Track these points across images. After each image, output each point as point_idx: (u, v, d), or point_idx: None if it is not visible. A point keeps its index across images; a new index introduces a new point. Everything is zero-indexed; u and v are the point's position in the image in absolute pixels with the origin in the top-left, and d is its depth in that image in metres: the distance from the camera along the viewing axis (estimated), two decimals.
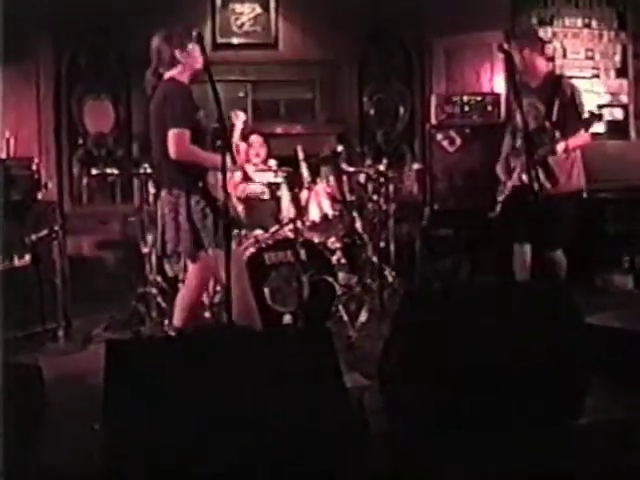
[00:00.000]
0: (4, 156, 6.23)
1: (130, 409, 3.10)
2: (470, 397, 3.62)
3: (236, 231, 5.88)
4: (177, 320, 4.98)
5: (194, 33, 4.61)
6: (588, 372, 3.90)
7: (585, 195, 6.51)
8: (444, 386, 3.63)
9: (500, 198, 5.96)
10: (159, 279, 5.84)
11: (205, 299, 5.87)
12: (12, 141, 6.31)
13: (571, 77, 7.48)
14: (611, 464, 3.39)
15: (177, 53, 4.81)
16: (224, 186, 4.34)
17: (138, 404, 3.10)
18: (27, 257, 5.69)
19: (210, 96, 4.05)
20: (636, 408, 4.07)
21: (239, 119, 5.38)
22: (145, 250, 5.84)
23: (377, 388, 4.06)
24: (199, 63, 4.79)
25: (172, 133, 4.68)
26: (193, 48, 4.77)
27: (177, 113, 4.71)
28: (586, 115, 5.65)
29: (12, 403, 3.47)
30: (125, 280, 6.35)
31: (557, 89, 5.78)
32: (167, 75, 4.84)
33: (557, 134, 5.68)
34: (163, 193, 4.88)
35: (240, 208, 4.89)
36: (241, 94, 7.76)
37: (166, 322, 5.48)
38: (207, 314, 5.82)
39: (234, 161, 4.10)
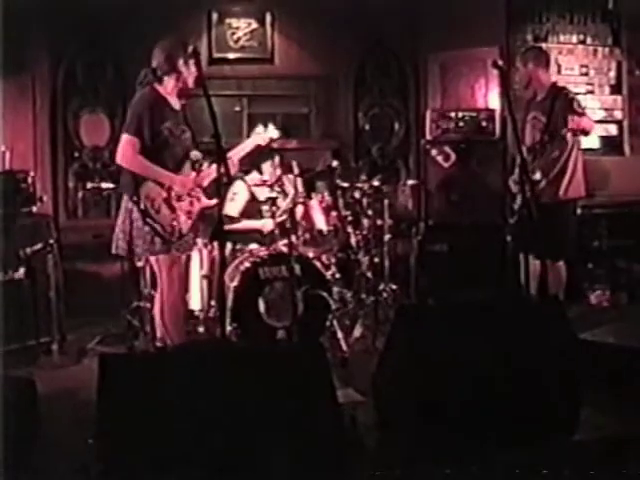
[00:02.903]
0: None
1: (123, 423, 3.10)
2: (464, 412, 3.62)
3: (229, 245, 5.93)
4: (159, 328, 4.99)
5: (189, 49, 4.66)
6: (583, 387, 3.90)
7: (579, 211, 6.60)
8: (438, 402, 3.63)
9: (515, 207, 6.11)
10: (153, 293, 5.82)
11: (199, 313, 5.89)
12: (7, 154, 6.30)
13: None
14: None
15: (165, 66, 4.85)
16: (166, 199, 4.70)
17: (131, 418, 3.10)
18: (22, 270, 5.68)
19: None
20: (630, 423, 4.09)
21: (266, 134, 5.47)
22: (139, 264, 5.84)
23: (371, 404, 4.07)
24: (188, 80, 4.87)
25: (122, 138, 4.80)
26: (185, 63, 4.83)
27: (132, 120, 4.79)
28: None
29: (6, 416, 3.47)
30: (120, 294, 6.33)
31: (559, 101, 5.88)
32: (152, 85, 4.88)
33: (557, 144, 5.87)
34: None
35: (185, 222, 4.84)
36: (237, 108, 7.76)
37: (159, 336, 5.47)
38: (201, 329, 5.83)
39: (228, 175, 4.09)
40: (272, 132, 5.49)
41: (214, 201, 4.86)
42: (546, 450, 3.58)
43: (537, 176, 5.83)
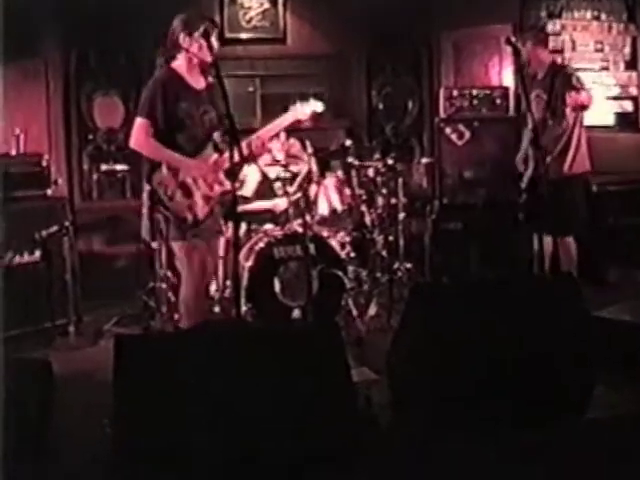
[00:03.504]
0: (14, 152, 6.24)
1: (139, 403, 3.12)
2: (479, 391, 3.62)
3: (244, 225, 5.93)
4: (182, 314, 4.99)
5: (203, 23, 4.61)
6: (597, 366, 3.90)
7: (595, 188, 6.60)
8: (452, 380, 3.64)
9: (522, 187, 6.20)
10: (169, 274, 5.84)
11: (215, 293, 5.91)
12: (22, 137, 6.32)
13: (580, 69, 7.50)
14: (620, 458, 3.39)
15: (181, 40, 4.75)
16: (183, 184, 4.64)
17: (147, 398, 3.12)
18: (37, 253, 5.71)
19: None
20: None
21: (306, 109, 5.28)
22: (155, 245, 5.85)
23: (385, 382, 4.07)
24: (204, 54, 4.71)
25: (135, 122, 4.75)
26: (198, 38, 4.68)
27: (145, 102, 4.73)
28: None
29: (22, 398, 3.50)
30: (136, 275, 6.36)
31: (559, 78, 5.91)
32: (168, 65, 4.84)
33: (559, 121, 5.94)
34: None
35: (202, 207, 4.75)
36: (250, 89, 7.75)
37: (176, 317, 5.49)
38: (217, 309, 5.85)
39: (241, 157, 4.07)
40: (315, 106, 5.29)
41: (231, 186, 4.66)
42: (559, 429, 3.58)
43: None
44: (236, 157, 4.04)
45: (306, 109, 5.24)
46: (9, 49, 5.74)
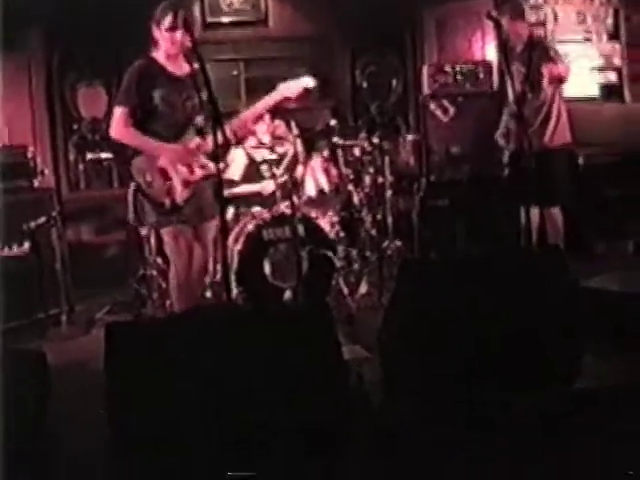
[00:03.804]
0: None
1: (132, 390, 3.14)
2: (467, 366, 3.64)
3: (232, 209, 5.94)
4: (174, 300, 5.00)
5: (169, 15, 4.63)
6: (585, 336, 3.92)
7: (581, 160, 6.63)
8: (441, 357, 3.66)
9: (505, 161, 6.27)
10: (159, 260, 5.85)
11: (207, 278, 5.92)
12: (6, 130, 6.31)
13: (562, 41, 7.53)
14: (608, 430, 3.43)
15: (154, 32, 4.78)
16: (162, 170, 4.68)
17: (140, 385, 3.14)
18: (26, 244, 5.71)
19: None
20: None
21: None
22: (144, 232, 5.85)
23: (377, 360, 4.09)
24: (174, 46, 4.75)
25: (114, 111, 4.80)
26: (172, 27, 4.69)
27: (122, 91, 4.79)
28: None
29: (16, 389, 3.51)
30: (125, 263, 6.37)
31: (537, 51, 5.94)
32: (148, 53, 4.85)
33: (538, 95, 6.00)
34: None
35: (181, 192, 4.74)
36: (234, 72, 7.74)
37: (168, 303, 5.50)
38: (209, 293, 5.86)
39: (225, 140, 4.08)
40: (306, 82, 5.07)
41: (214, 169, 4.57)
42: (547, 400, 3.61)
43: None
44: (220, 140, 4.03)
45: (297, 85, 5.09)
46: None
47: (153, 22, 4.76)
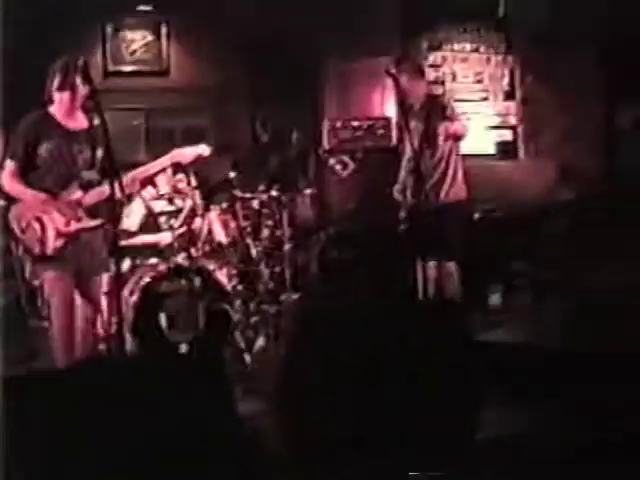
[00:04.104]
0: None
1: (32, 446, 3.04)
2: (368, 417, 3.63)
3: (127, 260, 5.86)
4: (57, 352, 4.90)
5: (76, 64, 4.61)
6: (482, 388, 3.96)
7: (477, 215, 6.77)
8: (341, 409, 3.64)
9: (402, 216, 6.30)
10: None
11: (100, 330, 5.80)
12: None
13: (461, 100, 7.72)
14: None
15: (49, 88, 4.80)
16: (38, 218, 4.67)
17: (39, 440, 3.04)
18: None
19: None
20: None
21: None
22: (36, 283, 5.69)
23: (275, 412, 4.05)
24: (78, 96, 4.76)
25: (4, 164, 4.81)
26: (61, 87, 4.75)
27: (10, 144, 4.83)
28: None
29: None
30: (18, 314, 6.20)
31: (434, 109, 6.06)
32: (43, 107, 4.86)
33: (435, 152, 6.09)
34: None
35: (53, 241, 4.76)
36: (135, 122, 7.70)
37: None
38: (102, 346, 5.74)
39: (122, 192, 4.06)
40: (201, 150, 5.28)
41: (95, 222, 4.78)
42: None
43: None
44: (106, 194, 4.13)
45: (191, 153, 5.24)
46: None
47: (48, 78, 4.79)
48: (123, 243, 5.64)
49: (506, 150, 8.41)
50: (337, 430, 3.61)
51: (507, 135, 8.44)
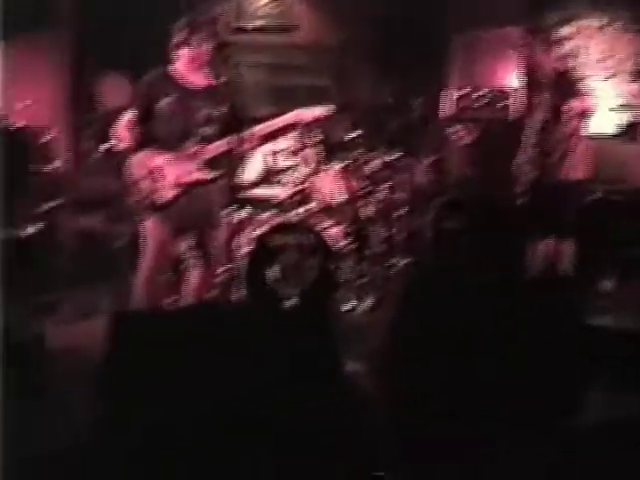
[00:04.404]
0: (18, 125, 6.24)
1: (132, 380, 3.13)
2: (467, 388, 3.63)
3: (243, 212, 5.94)
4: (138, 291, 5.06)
5: (186, 31, 4.76)
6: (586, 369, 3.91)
7: (596, 196, 6.64)
8: (444, 375, 3.64)
9: (521, 190, 6.14)
10: None
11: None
12: (25, 111, 6.32)
13: (587, 77, 7.53)
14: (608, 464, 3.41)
15: (174, 45, 4.93)
16: (156, 168, 4.82)
17: (140, 375, 3.13)
18: (37, 227, 5.72)
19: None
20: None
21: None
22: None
23: (375, 375, 4.08)
24: (201, 56, 4.89)
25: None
26: (185, 43, 4.88)
27: (133, 96, 5.06)
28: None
29: (14, 372, 3.51)
30: (130, 253, 6.36)
31: (563, 83, 5.93)
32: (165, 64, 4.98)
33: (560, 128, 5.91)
34: None
35: (168, 192, 4.85)
36: (260, 79, 7.75)
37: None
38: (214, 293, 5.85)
39: (242, 147, 4.20)
40: (321, 110, 5.31)
41: (212, 174, 4.89)
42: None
43: None
44: (225, 148, 4.45)
45: (313, 113, 5.27)
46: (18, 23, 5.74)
47: (174, 35, 4.91)
48: (240, 196, 5.73)
49: (628, 132, 8.17)
50: (435, 401, 3.63)
51: (630, 117, 8.21)
